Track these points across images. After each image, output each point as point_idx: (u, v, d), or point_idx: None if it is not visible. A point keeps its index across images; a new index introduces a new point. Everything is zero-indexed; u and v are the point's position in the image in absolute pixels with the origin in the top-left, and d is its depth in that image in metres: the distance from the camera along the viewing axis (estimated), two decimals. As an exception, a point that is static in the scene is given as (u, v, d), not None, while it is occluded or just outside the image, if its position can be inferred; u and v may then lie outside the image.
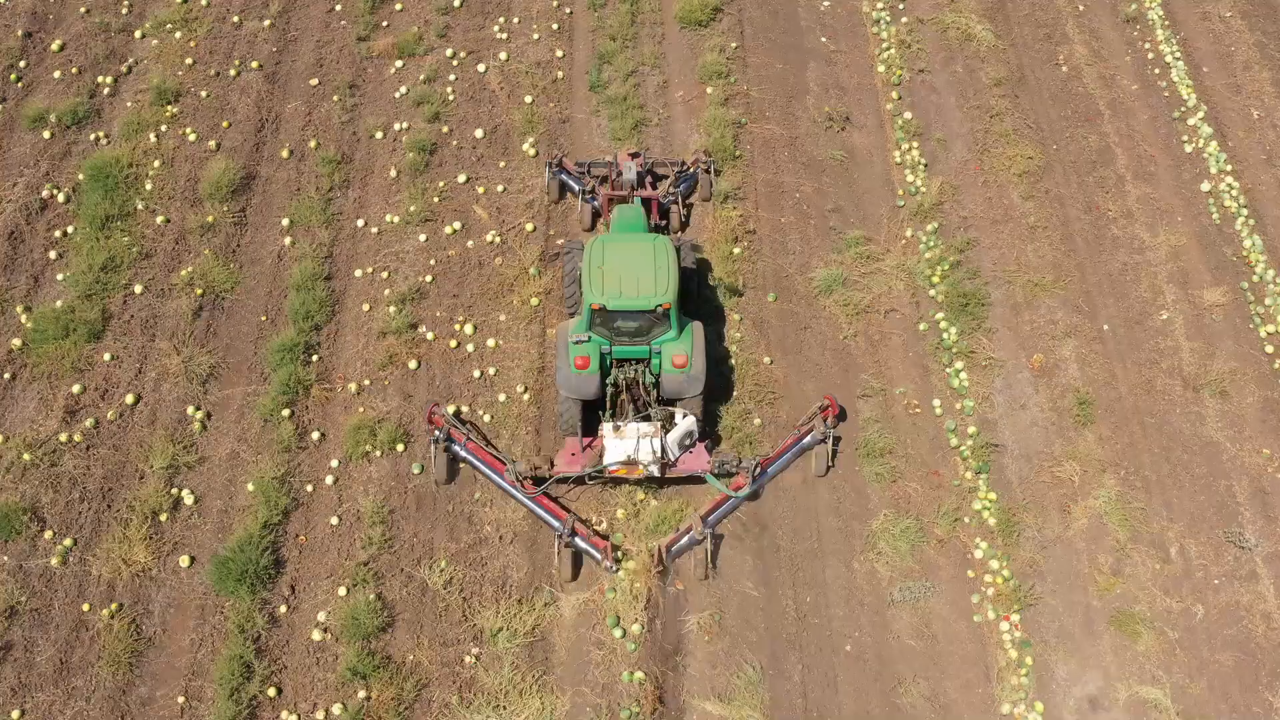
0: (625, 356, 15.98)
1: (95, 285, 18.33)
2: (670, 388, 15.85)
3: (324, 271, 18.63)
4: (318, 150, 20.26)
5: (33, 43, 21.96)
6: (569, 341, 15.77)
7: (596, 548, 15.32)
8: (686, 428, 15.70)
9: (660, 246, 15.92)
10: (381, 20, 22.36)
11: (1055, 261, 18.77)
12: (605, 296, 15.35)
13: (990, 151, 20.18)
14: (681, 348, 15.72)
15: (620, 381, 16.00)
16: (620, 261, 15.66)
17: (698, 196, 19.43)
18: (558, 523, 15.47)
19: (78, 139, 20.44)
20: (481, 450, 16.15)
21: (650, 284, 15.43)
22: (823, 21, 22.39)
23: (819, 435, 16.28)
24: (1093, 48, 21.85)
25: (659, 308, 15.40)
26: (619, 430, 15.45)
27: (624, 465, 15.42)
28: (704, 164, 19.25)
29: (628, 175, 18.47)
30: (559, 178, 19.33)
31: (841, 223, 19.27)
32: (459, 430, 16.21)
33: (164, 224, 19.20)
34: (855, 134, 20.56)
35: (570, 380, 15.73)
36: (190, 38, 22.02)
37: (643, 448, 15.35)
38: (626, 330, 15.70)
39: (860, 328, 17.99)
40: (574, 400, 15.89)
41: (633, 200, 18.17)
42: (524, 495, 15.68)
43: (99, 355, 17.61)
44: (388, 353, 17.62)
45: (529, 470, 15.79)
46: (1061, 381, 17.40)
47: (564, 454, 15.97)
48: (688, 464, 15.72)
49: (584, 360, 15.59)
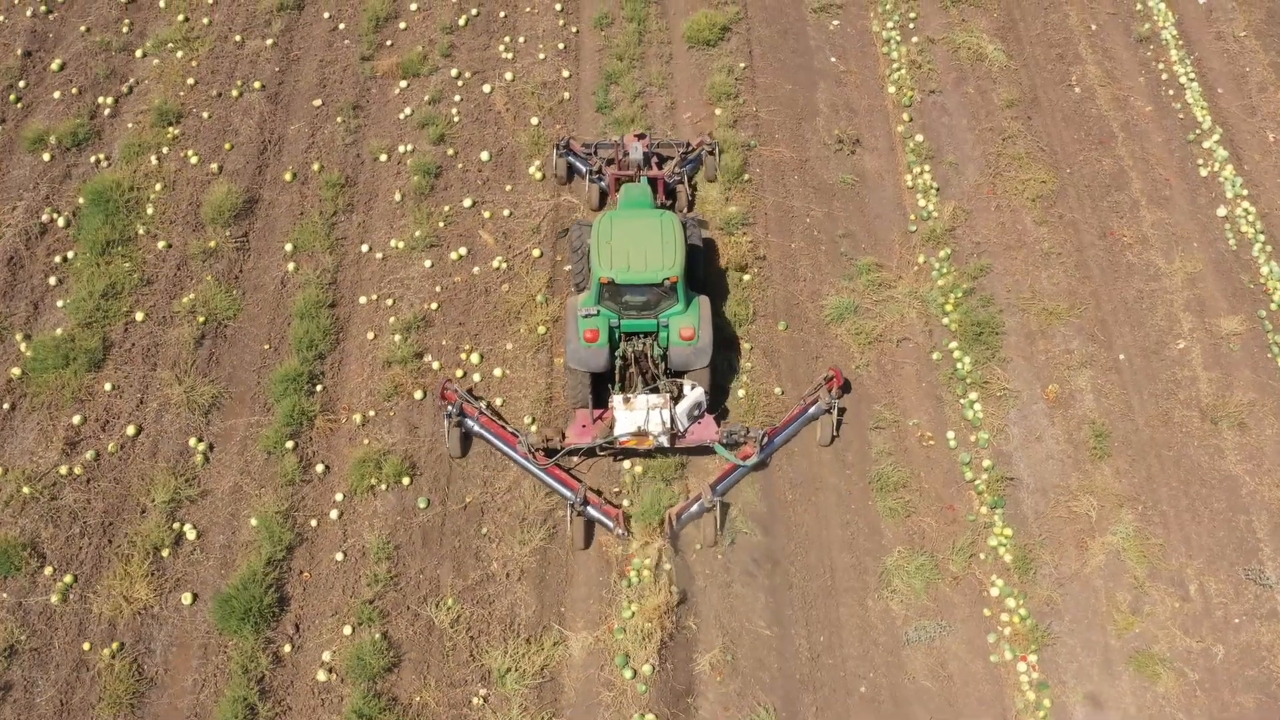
0: (633, 330, 16.28)
1: (96, 313, 18.06)
2: (678, 360, 16.15)
3: (328, 298, 18.35)
4: (321, 173, 19.99)
5: (32, 62, 21.69)
6: (578, 315, 15.95)
7: (608, 516, 15.60)
8: (695, 399, 15.97)
9: (667, 222, 16.23)
10: (385, 39, 22.08)
11: (1070, 289, 18.49)
12: (614, 270, 15.66)
13: (1003, 175, 19.91)
14: (689, 321, 16.00)
15: (629, 354, 16.31)
16: (628, 236, 15.98)
17: (702, 177, 19.71)
18: (570, 492, 15.72)
19: (78, 161, 20.17)
20: (494, 424, 16.39)
21: (658, 258, 15.75)
22: (832, 41, 22.12)
23: (824, 406, 16.55)
24: (1105, 68, 21.57)
25: (666, 281, 15.70)
26: (629, 402, 15.77)
27: (634, 436, 15.72)
28: (708, 145, 19.61)
29: (634, 155, 18.86)
30: (566, 159, 19.57)
31: (853, 248, 19.00)
32: (471, 405, 16.46)
33: (165, 249, 18.94)
34: (866, 157, 20.29)
35: (580, 353, 15.98)
36: (192, 57, 21.75)
37: (652, 419, 15.67)
38: (635, 304, 16.00)
39: (872, 357, 17.71)
40: (583, 373, 16.12)
41: (639, 179, 18.42)
42: (536, 467, 15.94)
43: (100, 385, 17.34)
44: (393, 383, 17.35)
45: (541, 442, 15.96)
46: (1077, 413, 17.13)
47: (575, 426, 16.23)
48: (697, 434, 16.04)
49: (593, 333, 15.87)
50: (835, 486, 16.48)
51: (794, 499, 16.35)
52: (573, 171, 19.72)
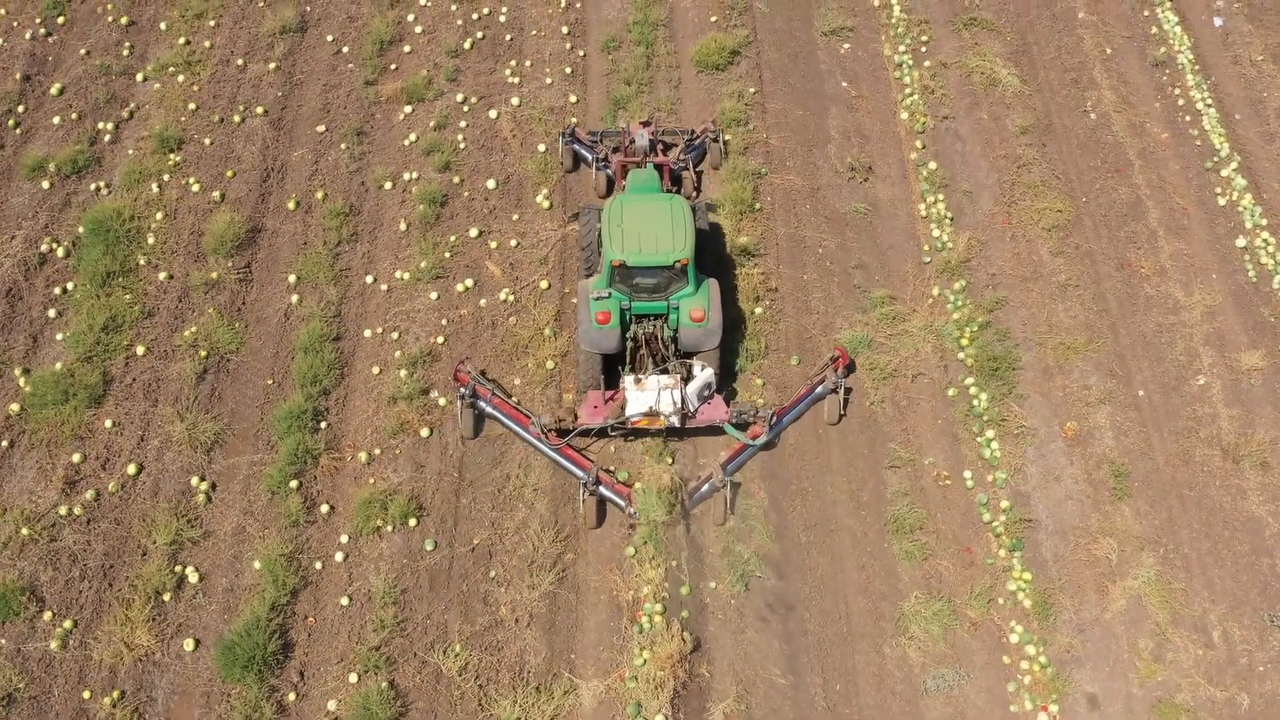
0: (644, 312, 16.47)
1: (96, 347, 17.73)
2: (688, 341, 16.35)
3: (332, 332, 18.02)
4: (325, 202, 19.67)
5: (31, 86, 21.37)
6: (590, 298, 16.14)
7: (620, 495, 15.81)
8: (705, 379, 16.18)
9: (677, 205, 16.41)
10: (390, 63, 21.76)
11: (1087, 322, 18.18)
12: (625, 253, 15.83)
13: (1018, 204, 19.59)
14: (699, 302, 16.19)
15: (640, 336, 16.52)
16: (639, 219, 16.17)
17: (707, 164, 19.96)
18: (582, 472, 15.94)
19: (78, 189, 19.84)
20: (506, 405, 16.63)
21: (669, 240, 15.92)
22: (843, 65, 21.80)
23: (830, 385, 16.76)
24: (1121, 93, 21.25)
25: (677, 263, 15.85)
26: (640, 383, 15.98)
27: (646, 416, 15.91)
28: (712, 133, 19.80)
29: (640, 142, 19.00)
30: (572, 147, 19.79)
31: (866, 280, 18.68)
32: (484, 387, 16.64)
33: (167, 280, 18.61)
34: (879, 185, 19.96)
35: (591, 335, 16.18)
36: (193, 81, 21.43)
37: (663, 399, 15.86)
38: (645, 286, 16.19)
39: (887, 393, 17.39)
40: (595, 355, 16.34)
41: (645, 166, 18.55)
42: (549, 447, 16.16)
43: (100, 422, 17.02)
44: (399, 420, 17.03)
45: (553, 423, 16.16)
46: (1096, 451, 16.81)
47: (587, 406, 16.38)
48: (707, 414, 16.25)
49: (605, 315, 16.05)
50: (850, 528, 16.16)
51: (808, 541, 16.03)
52: (579, 160, 19.93)
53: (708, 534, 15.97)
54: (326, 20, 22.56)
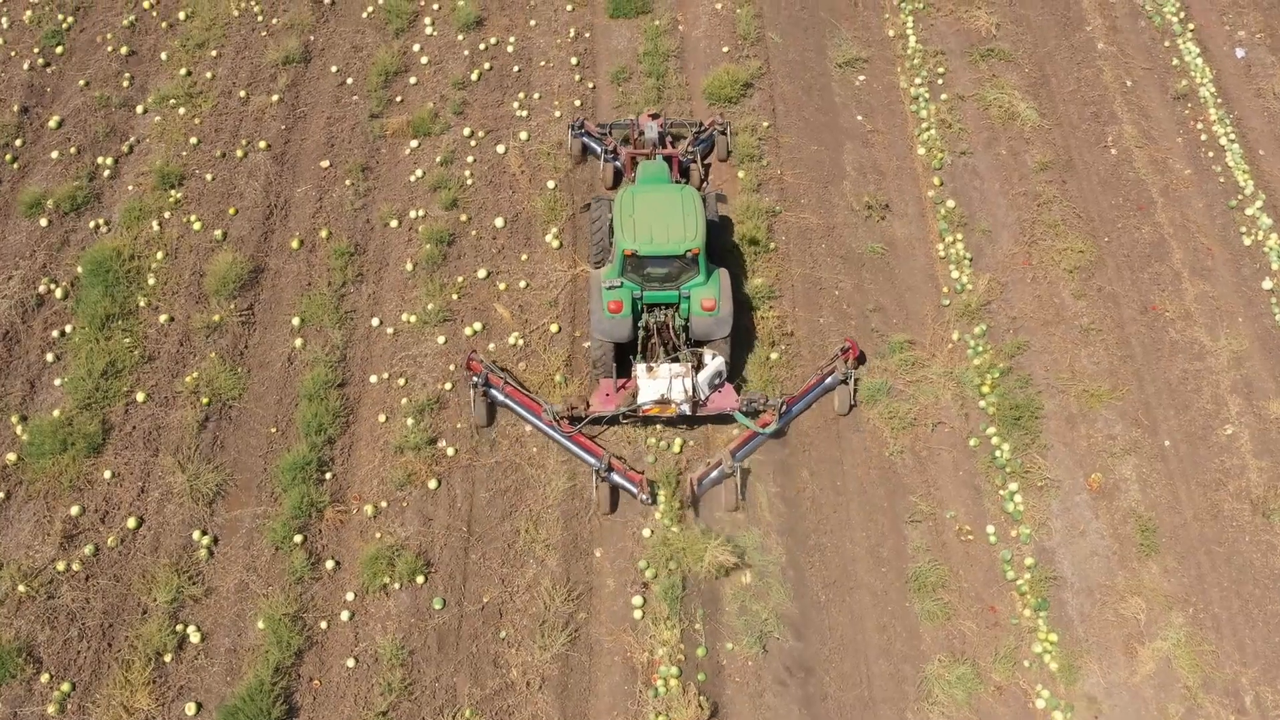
0: (655, 301, 16.59)
1: (95, 393, 17.29)
2: (699, 330, 16.50)
3: (337, 378, 17.58)
4: (329, 241, 19.23)
5: (29, 119, 20.93)
6: (602, 287, 16.29)
7: (632, 482, 16.00)
8: (716, 368, 16.37)
9: (688, 195, 16.59)
10: (395, 95, 21.32)
11: (1111, 368, 17.74)
12: (637, 243, 15.96)
13: (1039, 244, 19.14)
14: (710, 292, 16.33)
15: (651, 325, 16.67)
16: (650, 210, 16.32)
17: (714, 156, 20.13)
18: (594, 459, 16.10)
19: (76, 226, 19.40)
20: (519, 393, 16.75)
21: (680, 230, 16.05)
22: (858, 98, 21.35)
23: (840, 376, 16.95)
24: (1142, 128, 20.80)
25: (689, 253, 16.00)
26: (652, 371, 16.19)
27: (657, 404, 16.10)
28: (719, 125, 19.95)
29: (650, 135, 19.25)
30: (581, 139, 19.91)
31: (884, 324, 18.24)
32: (497, 375, 16.81)
33: (167, 323, 18.17)
34: (895, 223, 19.52)
35: (604, 324, 16.39)
36: (194, 114, 20.98)
37: (675, 387, 16.05)
38: (657, 276, 16.33)
39: (906, 443, 16.95)
40: (607, 343, 16.53)
41: (655, 157, 18.73)
42: (561, 434, 16.30)
43: (99, 472, 16.57)
44: (406, 470, 16.59)
45: (565, 410, 16.28)
46: (1122, 505, 16.37)
47: (599, 394, 16.56)
48: (717, 403, 16.40)
49: (617, 305, 16.24)
50: (870, 586, 15.73)
51: (827, 600, 15.59)
52: (587, 151, 20.07)
53: (724, 592, 15.54)
54: (330, 50, 22.13)
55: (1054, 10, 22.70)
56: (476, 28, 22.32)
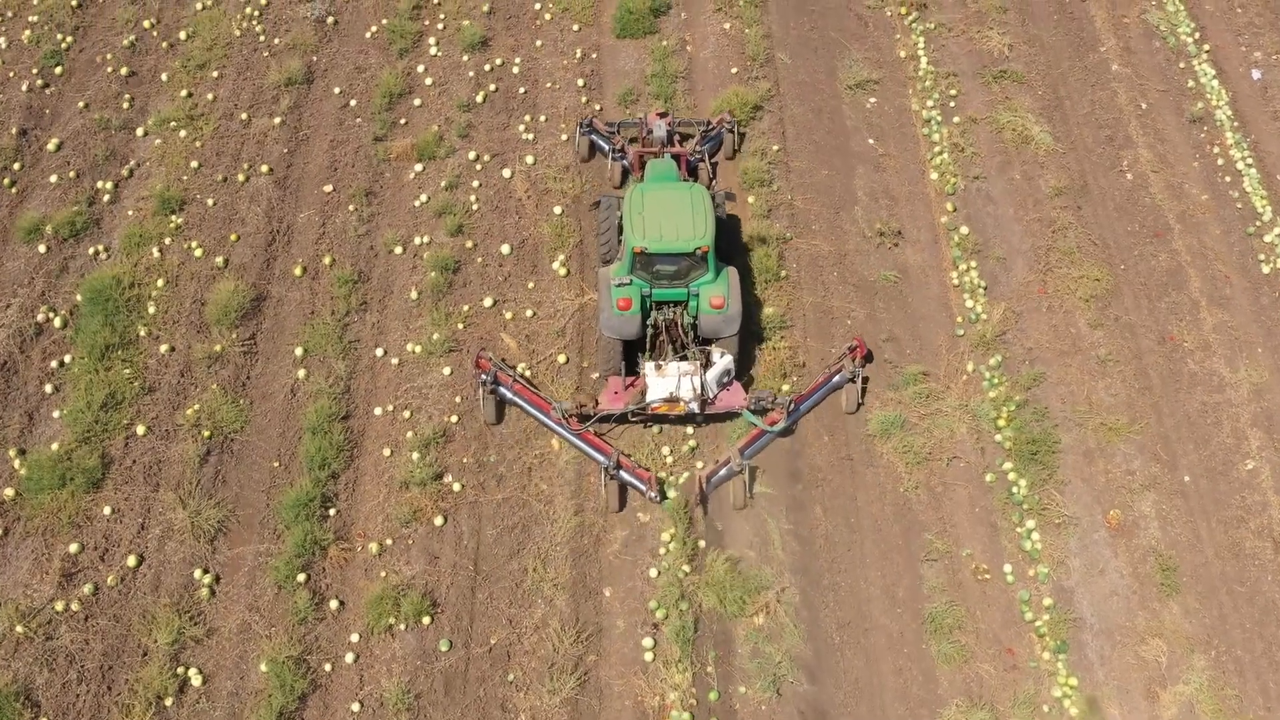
0: (664, 299, 16.59)
1: (94, 425, 16.97)
2: (708, 328, 16.52)
3: (341, 410, 17.26)
4: (333, 268, 18.91)
5: (28, 141, 20.62)
6: (611, 285, 16.25)
7: (641, 479, 15.98)
8: (724, 366, 16.39)
9: (697, 193, 16.56)
10: (399, 117, 20.99)
11: (1129, 400, 17.42)
12: (646, 240, 15.92)
13: (1054, 271, 18.82)
14: (719, 289, 16.33)
15: (659, 323, 16.67)
16: (659, 207, 16.27)
17: (722, 155, 20.19)
18: (603, 457, 16.11)
19: (75, 253, 19.08)
20: (527, 391, 16.80)
21: (689, 228, 16.03)
22: (869, 121, 21.02)
23: (848, 374, 17.02)
24: (1158, 151, 20.48)
25: (698, 250, 16.00)
26: (660, 369, 16.22)
27: (666, 402, 16.17)
28: (727, 124, 19.99)
29: (658, 133, 19.28)
30: (589, 137, 19.98)
31: (897, 355, 17.91)
32: (505, 373, 16.85)
33: (168, 353, 17.85)
34: (908, 250, 19.19)
35: (612, 322, 16.35)
36: (195, 136, 20.66)
37: (683, 385, 16.11)
38: (666, 273, 16.31)
39: (921, 478, 16.64)
40: (616, 341, 16.51)
41: (663, 156, 18.77)
42: (570, 432, 16.34)
43: (98, 508, 16.26)
44: (411, 507, 16.27)
45: (574, 408, 16.34)
46: (1142, 543, 16.06)
47: (607, 392, 16.64)
48: (726, 401, 16.49)
49: (626, 302, 16.22)
50: (886, 627, 15.41)
51: (841, 642, 15.28)
52: (595, 149, 20.10)
53: (737, 635, 15.22)
54: (333, 71, 21.81)
55: (1067, 31, 22.39)
56: (482, 48, 22.01)
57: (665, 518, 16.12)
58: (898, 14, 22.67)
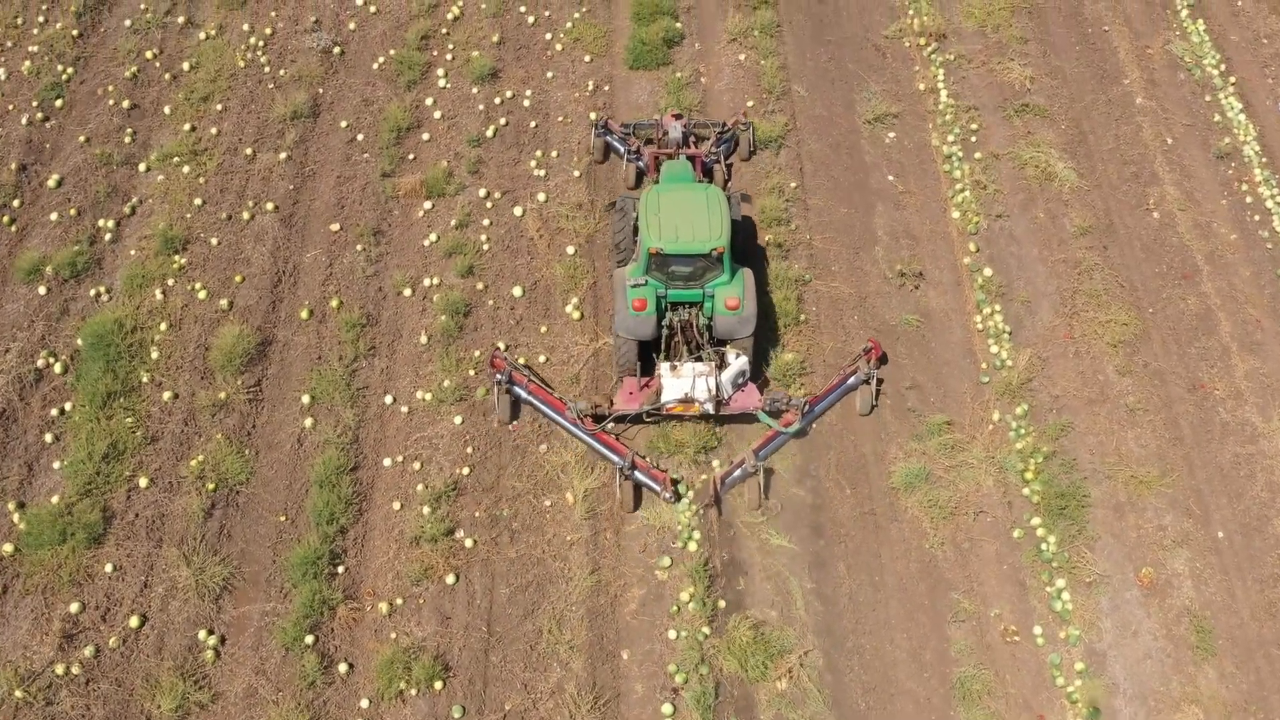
0: (679, 300, 16.64)
1: (96, 477, 16.50)
2: (723, 329, 16.57)
3: (349, 461, 16.79)
4: (340, 311, 18.43)
5: (27, 177, 20.14)
6: (626, 286, 16.26)
7: (656, 480, 16.01)
8: (739, 367, 16.43)
9: (713, 195, 16.63)
10: (407, 152, 20.52)
11: (1159, 451, 16.94)
12: (662, 241, 15.97)
13: (1080, 315, 18.35)
14: (734, 291, 16.38)
15: (675, 324, 16.73)
16: (676, 209, 16.33)
17: (737, 156, 20.15)
18: (618, 457, 16.15)
19: (76, 294, 18.62)
20: (542, 391, 16.86)
21: (705, 229, 16.09)
22: (889, 156, 20.53)
23: (862, 375, 17.05)
24: (1185, 189, 20.01)
25: (713, 251, 16.06)
26: (676, 370, 16.25)
27: (681, 403, 16.20)
28: (742, 125, 20.00)
29: (673, 134, 19.39)
30: (604, 139, 20.00)
31: (921, 403, 17.44)
32: (520, 373, 16.92)
33: (171, 401, 17.38)
34: (930, 293, 18.71)
35: (628, 322, 16.39)
36: (199, 172, 20.18)
37: (698, 386, 16.12)
38: (681, 274, 16.37)
39: (947, 534, 16.16)
40: (631, 341, 16.54)
41: (678, 157, 18.88)
42: (584, 432, 16.37)
43: (99, 565, 15.78)
44: (422, 564, 15.80)
45: (589, 409, 16.38)
46: (1176, 603, 15.58)
47: (622, 393, 16.72)
48: (740, 402, 16.53)
49: (642, 302, 16.27)
50: (913, 692, 14.93)
51: (867, 708, 14.80)
52: (610, 151, 20.11)
53: (759, 700, 14.74)
54: (340, 103, 21.33)
55: (1090, 62, 21.91)
56: (491, 80, 21.54)
57: (684, 576, 15.65)
58: (916, 45, 22.20)
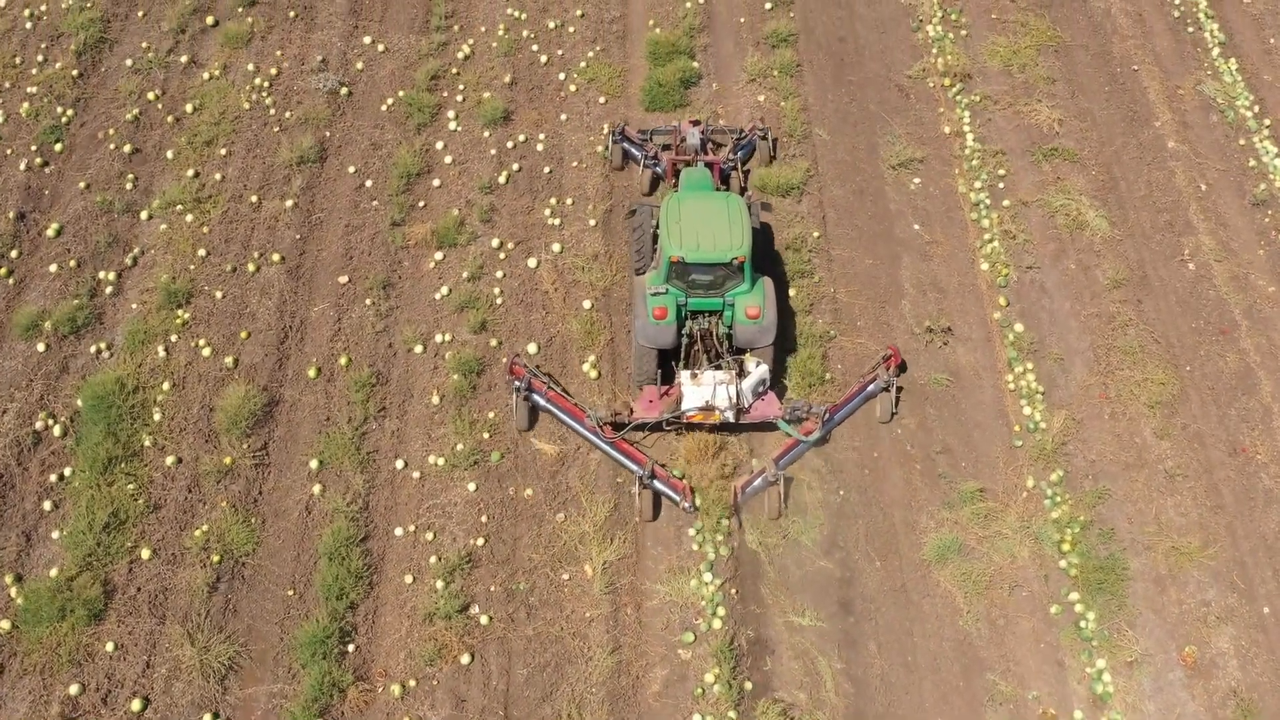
0: (699, 308, 16.60)
1: (96, 549, 15.88)
2: (743, 338, 16.52)
3: (359, 533, 16.17)
4: (349, 369, 17.82)
5: (26, 226, 19.54)
6: (647, 294, 16.30)
7: (675, 489, 15.95)
8: (759, 376, 16.39)
9: (734, 203, 16.59)
10: (417, 199, 19.90)
11: (1200, 520, 16.32)
12: (684, 249, 15.92)
13: (1115, 374, 17.72)
14: (754, 299, 16.33)
15: (695, 332, 16.67)
16: (696, 217, 16.30)
17: (755, 162, 20.02)
18: (637, 466, 16.07)
19: (76, 351, 18.01)
20: (561, 399, 16.75)
21: (726, 238, 16.05)
22: (914, 204, 19.91)
23: (882, 383, 16.94)
24: (1220, 238, 19.39)
25: (734, 260, 15.99)
26: (696, 378, 16.21)
27: (701, 411, 16.17)
28: (760, 131, 19.86)
29: (692, 141, 19.24)
30: (622, 145, 19.87)
31: (952, 468, 16.81)
32: (540, 380, 16.77)
33: (174, 466, 16.77)
34: (960, 350, 18.08)
35: (648, 330, 16.34)
36: (203, 221, 19.58)
37: (719, 394, 16.10)
38: (701, 283, 16.32)
39: (981, 610, 15.54)
40: (651, 350, 16.48)
41: (697, 164, 18.67)
42: (604, 441, 16.27)
43: (100, 644, 15.16)
44: (435, 643, 15.18)
45: (609, 416, 16.39)
46: (1221, 684, 14.96)
47: (642, 401, 16.62)
48: (760, 410, 16.49)
49: (662, 311, 16.22)
50: (949, 782, 14.33)
51: (902, 799, 14.20)
52: (628, 158, 19.98)
53: (788, 791, 14.15)
54: (348, 147, 20.73)
55: (1119, 104, 21.29)
56: (504, 123, 20.93)
57: (708, 655, 15.03)
58: (940, 85, 21.59)
